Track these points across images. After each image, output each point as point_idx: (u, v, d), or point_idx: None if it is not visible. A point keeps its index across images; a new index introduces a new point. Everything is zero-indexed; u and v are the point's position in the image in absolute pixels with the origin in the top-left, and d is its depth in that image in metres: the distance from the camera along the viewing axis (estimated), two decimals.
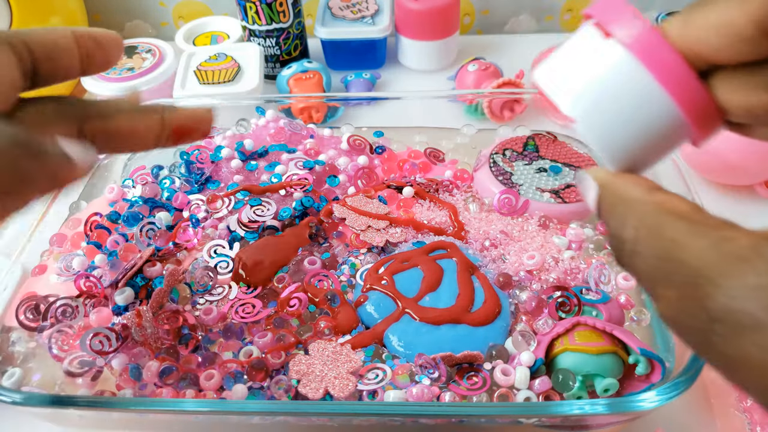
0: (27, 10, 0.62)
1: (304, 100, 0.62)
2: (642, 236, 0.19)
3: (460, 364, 0.37)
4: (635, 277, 0.21)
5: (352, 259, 0.44)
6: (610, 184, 0.22)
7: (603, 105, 0.21)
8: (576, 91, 0.22)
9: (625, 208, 0.20)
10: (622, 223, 0.20)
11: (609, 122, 0.21)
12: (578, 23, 0.64)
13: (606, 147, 0.22)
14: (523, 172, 0.49)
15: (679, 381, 0.32)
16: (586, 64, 0.21)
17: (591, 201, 0.23)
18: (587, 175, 0.23)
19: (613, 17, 0.21)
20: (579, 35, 0.22)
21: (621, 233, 0.20)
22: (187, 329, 0.39)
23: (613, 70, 0.20)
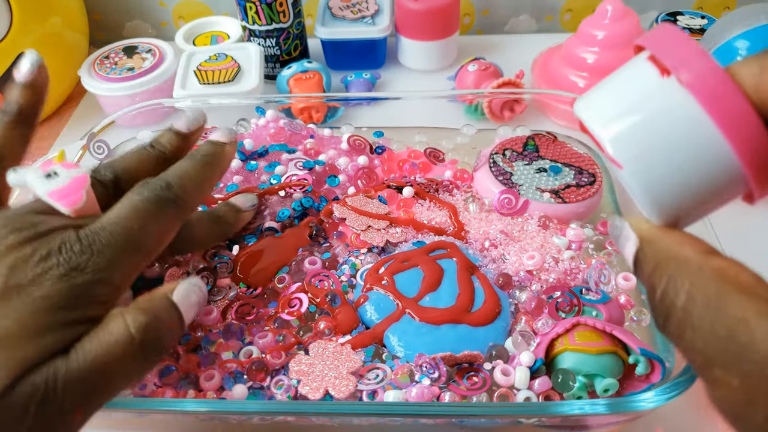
0: (27, 10, 0.62)
1: (304, 100, 0.62)
2: (698, 307, 0.17)
3: (460, 364, 0.37)
4: (683, 349, 0.18)
5: (353, 259, 0.44)
6: (657, 240, 0.20)
7: (655, 153, 0.18)
8: (624, 134, 0.19)
9: (677, 270, 0.18)
10: (672, 287, 0.18)
11: (660, 172, 0.19)
12: (578, 23, 0.64)
13: (653, 198, 0.19)
14: (523, 172, 0.49)
15: (679, 381, 0.32)
16: (637, 103, 0.19)
17: (628, 254, 0.20)
18: (625, 225, 0.21)
19: (673, 51, 0.18)
20: (630, 68, 0.20)
21: (670, 299, 0.18)
22: (186, 329, 0.39)
23: (671, 114, 0.18)
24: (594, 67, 0.62)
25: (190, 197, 0.32)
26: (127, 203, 0.29)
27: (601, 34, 0.61)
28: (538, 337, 0.38)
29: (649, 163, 0.18)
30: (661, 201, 0.19)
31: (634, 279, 0.41)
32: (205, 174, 0.33)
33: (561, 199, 0.46)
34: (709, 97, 0.17)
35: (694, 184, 0.18)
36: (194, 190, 0.32)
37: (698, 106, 0.17)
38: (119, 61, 0.68)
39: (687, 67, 0.17)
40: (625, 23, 0.60)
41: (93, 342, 0.26)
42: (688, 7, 0.80)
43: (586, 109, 0.20)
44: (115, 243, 0.28)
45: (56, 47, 0.67)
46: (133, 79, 0.65)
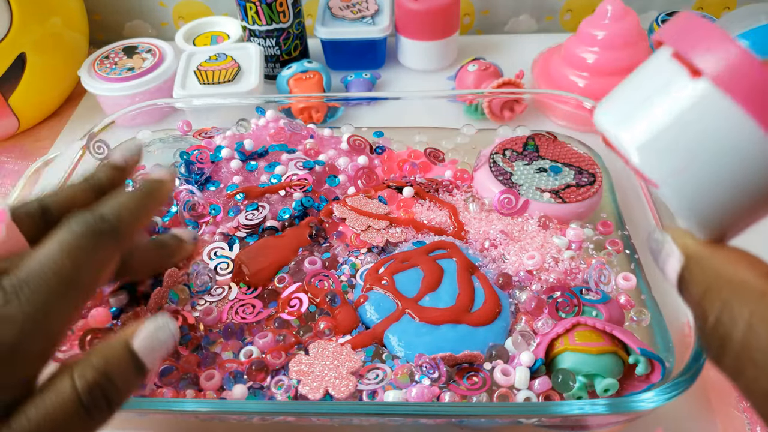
0: (27, 10, 0.62)
1: (304, 100, 0.62)
2: (762, 340, 0.15)
3: (460, 364, 0.37)
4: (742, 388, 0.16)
5: (353, 259, 0.44)
6: (705, 258, 0.18)
7: (696, 164, 0.16)
8: (659, 148, 0.17)
9: (733, 296, 0.16)
10: (729, 315, 0.16)
11: (704, 184, 0.16)
12: (578, 23, 0.64)
13: (697, 212, 0.17)
14: (523, 172, 0.49)
15: (679, 381, 0.32)
16: (668, 111, 0.16)
17: (671, 272, 0.18)
18: (667, 239, 0.18)
19: (700, 45, 0.16)
20: (652, 68, 0.17)
21: (726, 329, 0.16)
22: (187, 329, 0.39)
23: (709, 120, 0.16)
24: (594, 67, 0.62)
25: (127, 227, 0.30)
26: (57, 239, 0.27)
27: (601, 34, 0.61)
28: (538, 337, 0.38)
29: (691, 176, 0.16)
30: (706, 215, 0.17)
31: (634, 279, 0.41)
32: (141, 203, 0.32)
33: (561, 199, 0.46)
34: (752, 100, 0.15)
35: (741, 192, 0.16)
36: (130, 220, 0.30)
37: (740, 110, 0.15)
38: (119, 61, 0.68)
39: (721, 67, 0.15)
40: (625, 23, 0.60)
41: (38, 406, 0.24)
42: (688, 7, 0.80)
43: (607, 118, 0.18)
44: (47, 286, 0.25)
45: (56, 47, 0.67)
46: (133, 79, 0.65)
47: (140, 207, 0.32)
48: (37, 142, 0.69)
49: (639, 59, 0.61)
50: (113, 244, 0.29)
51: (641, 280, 0.43)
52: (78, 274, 0.26)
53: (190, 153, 0.51)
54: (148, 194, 0.33)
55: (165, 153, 0.55)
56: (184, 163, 0.51)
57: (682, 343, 0.36)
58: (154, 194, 0.34)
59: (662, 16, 0.71)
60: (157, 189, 0.34)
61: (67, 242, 0.27)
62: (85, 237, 0.27)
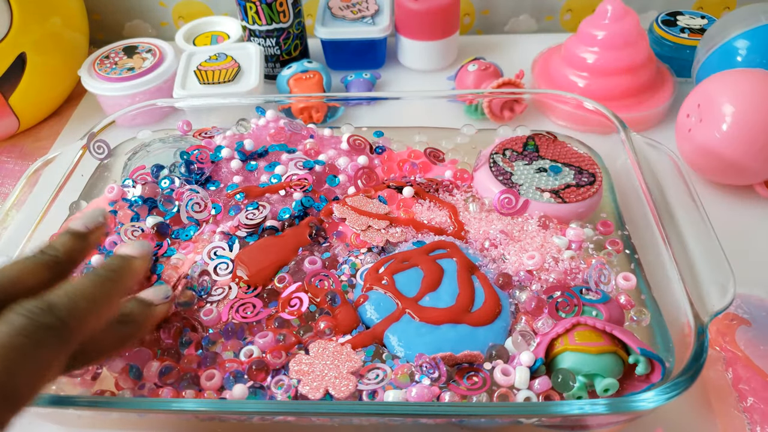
0: (27, 10, 0.62)
1: (304, 100, 0.62)
2: None
3: (460, 364, 0.37)
4: None
5: (353, 258, 0.44)
6: None
7: None
8: None
9: None
10: None
11: None
12: (578, 23, 0.64)
13: None
14: (523, 172, 0.49)
15: (679, 381, 0.32)
16: None
17: None
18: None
19: None
20: None
21: None
22: (187, 329, 0.39)
23: None
24: (594, 67, 0.62)
25: (80, 322, 0.25)
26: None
27: (601, 34, 0.61)
28: (538, 337, 0.38)
29: None
30: None
31: (634, 279, 0.41)
32: (102, 292, 0.27)
33: (561, 199, 0.46)
34: None
35: None
36: (86, 313, 0.26)
37: None
38: (119, 61, 0.68)
39: None
40: (625, 23, 0.60)
41: None
42: (688, 7, 0.80)
43: None
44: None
45: (56, 47, 0.67)
46: (133, 79, 0.65)
47: (100, 294, 0.27)
48: (37, 142, 0.69)
49: (639, 59, 0.61)
50: (59, 343, 0.24)
51: (641, 280, 0.43)
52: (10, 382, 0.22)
53: (190, 153, 0.51)
54: (111, 278, 0.28)
55: (165, 153, 0.55)
56: (184, 163, 0.51)
57: (682, 343, 0.36)
58: (118, 276, 0.29)
59: (662, 16, 0.71)
60: (123, 269, 0.30)
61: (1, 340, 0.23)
62: (24, 334, 0.23)
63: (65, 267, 0.30)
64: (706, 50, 0.60)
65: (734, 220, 0.53)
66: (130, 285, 0.31)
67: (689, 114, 0.54)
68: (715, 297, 0.36)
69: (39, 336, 0.24)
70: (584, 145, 0.54)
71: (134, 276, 0.31)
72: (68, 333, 0.25)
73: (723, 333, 0.43)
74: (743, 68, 0.55)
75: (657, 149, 0.48)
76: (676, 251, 0.40)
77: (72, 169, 0.52)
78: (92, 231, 0.31)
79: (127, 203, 0.50)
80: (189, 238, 0.47)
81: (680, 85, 0.65)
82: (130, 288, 0.31)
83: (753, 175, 0.52)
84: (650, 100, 0.62)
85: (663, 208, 0.43)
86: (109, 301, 0.28)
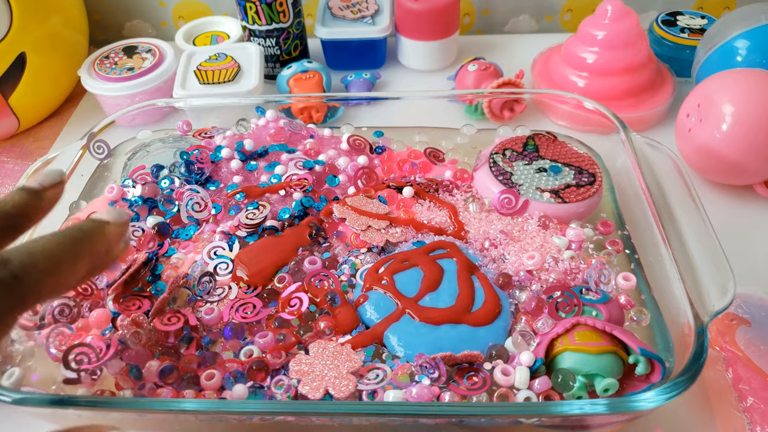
0: (27, 10, 0.62)
1: (304, 100, 0.62)
2: None
3: (460, 364, 0.37)
4: None
5: (353, 258, 0.44)
6: None
7: None
8: None
9: None
10: None
11: None
12: (578, 23, 0.64)
13: None
14: (523, 172, 0.49)
15: (679, 381, 0.32)
16: None
17: None
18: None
19: None
20: None
21: None
22: (187, 329, 0.39)
23: None
24: (594, 67, 0.62)
25: (36, 280, 0.24)
26: None
27: (601, 34, 0.61)
28: (538, 337, 0.38)
29: None
30: None
31: (634, 279, 0.41)
32: (66, 252, 0.26)
33: (561, 199, 0.46)
34: None
35: None
36: (44, 271, 0.24)
37: None
38: (119, 61, 0.68)
39: None
40: (625, 23, 0.60)
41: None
42: (688, 7, 0.80)
43: None
44: None
45: (56, 47, 0.67)
46: (133, 79, 0.65)
47: (64, 256, 0.26)
48: (37, 142, 0.69)
49: (639, 59, 0.61)
50: (11, 300, 0.23)
51: (641, 280, 0.43)
52: None
53: (190, 153, 0.51)
54: (77, 237, 0.27)
55: (165, 153, 0.55)
56: (184, 163, 0.51)
57: (682, 343, 0.36)
58: (86, 237, 0.27)
59: (662, 16, 0.71)
60: (93, 231, 0.28)
61: None
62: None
63: (16, 221, 0.28)
64: (706, 50, 0.60)
65: (734, 220, 0.53)
66: (100, 250, 0.28)
67: (689, 114, 0.54)
68: (715, 297, 0.36)
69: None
70: (584, 145, 0.54)
71: (105, 241, 0.29)
72: (21, 289, 0.24)
73: (723, 333, 0.43)
74: (743, 68, 0.55)
75: (657, 149, 0.48)
76: (676, 251, 0.40)
77: (72, 169, 0.52)
78: (47, 188, 0.30)
79: (127, 203, 0.50)
80: (189, 237, 0.47)
81: (680, 85, 0.65)
82: (99, 253, 0.29)
83: (753, 175, 0.52)
84: (650, 100, 0.62)
85: (663, 208, 0.43)
86: (72, 263, 0.26)
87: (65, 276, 0.26)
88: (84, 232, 0.27)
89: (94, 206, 0.50)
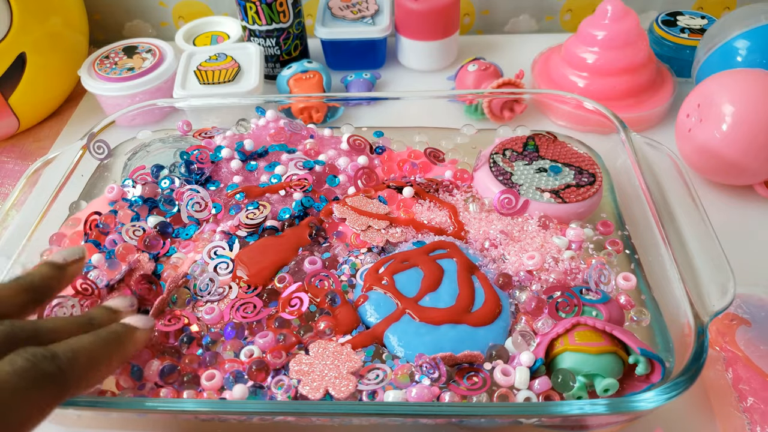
0: (27, 10, 0.62)
1: (304, 100, 0.62)
2: None
3: (460, 364, 0.37)
4: None
5: (353, 259, 0.44)
6: None
7: None
8: None
9: None
10: None
11: None
12: (578, 23, 0.64)
13: None
14: (523, 172, 0.49)
15: (679, 381, 0.32)
16: None
17: None
18: None
19: None
20: None
21: None
22: (188, 329, 0.39)
23: None
24: (594, 67, 0.62)
25: (78, 376, 0.26)
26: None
27: (601, 34, 0.61)
28: (538, 337, 0.38)
29: None
30: None
31: (634, 279, 0.41)
32: (103, 352, 0.29)
33: (561, 199, 0.46)
34: None
35: None
36: (86, 367, 0.27)
37: None
38: (119, 61, 0.68)
39: None
40: (625, 23, 0.60)
41: None
42: (688, 7, 0.80)
43: None
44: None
45: (56, 47, 0.67)
46: (133, 79, 0.65)
47: (101, 353, 0.29)
48: (37, 142, 0.69)
49: (639, 59, 0.61)
50: (56, 392, 0.25)
51: (641, 280, 0.43)
52: (3, 417, 0.23)
53: (190, 153, 0.51)
54: (113, 340, 0.30)
55: (165, 153, 0.55)
56: (184, 163, 0.51)
57: (682, 343, 0.36)
58: (121, 341, 0.31)
59: (662, 16, 0.71)
60: (125, 336, 0.31)
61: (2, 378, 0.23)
62: (25, 377, 0.24)
63: (41, 293, 0.31)
64: (706, 50, 0.60)
65: (734, 220, 0.53)
66: (131, 353, 0.32)
67: (689, 114, 0.54)
68: (715, 297, 0.36)
69: (38, 381, 0.25)
70: (584, 145, 0.54)
71: (136, 346, 0.33)
72: (66, 384, 0.26)
73: (723, 333, 0.43)
74: (743, 68, 0.55)
75: (657, 149, 0.48)
76: (676, 251, 0.40)
77: (72, 169, 0.52)
78: (69, 263, 0.34)
79: (127, 203, 0.50)
80: (189, 237, 0.47)
81: (680, 85, 0.65)
82: (130, 356, 0.33)
83: (753, 175, 0.52)
84: (650, 100, 0.62)
85: (663, 208, 0.43)
86: (108, 363, 0.30)
87: (101, 373, 0.29)
88: (118, 336, 0.31)
89: (94, 206, 0.50)
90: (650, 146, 0.48)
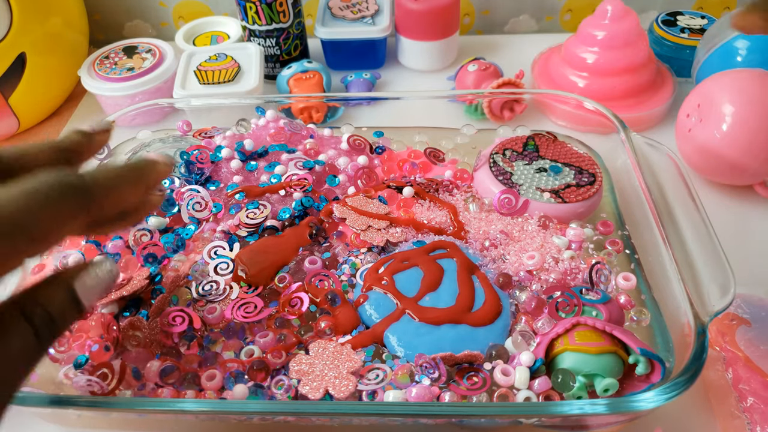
0: (27, 10, 0.62)
1: (304, 100, 0.62)
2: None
3: (460, 364, 0.37)
4: None
5: (353, 258, 0.44)
6: None
7: None
8: None
9: None
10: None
11: None
12: (578, 23, 0.64)
13: None
14: (523, 172, 0.49)
15: (679, 381, 0.32)
16: None
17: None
18: None
19: None
20: None
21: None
22: (189, 329, 0.39)
23: None
24: (594, 67, 0.62)
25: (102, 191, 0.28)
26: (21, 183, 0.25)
27: (601, 34, 0.61)
28: (538, 337, 0.38)
29: None
30: None
31: (634, 279, 0.41)
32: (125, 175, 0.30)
33: (561, 199, 0.46)
34: None
35: None
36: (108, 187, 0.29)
37: None
38: (119, 61, 0.68)
39: None
40: (625, 23, 0.60)
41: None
42: (688, 7, 0.80)
43: None
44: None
45: (56, 47, 0.67)
46: (133, 79, 0.65)
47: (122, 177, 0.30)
48: None
49: (639, 59, 0.61)
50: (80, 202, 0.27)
51: (641, 280, 0.43)
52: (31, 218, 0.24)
53: (190, 153, 0.51)
54: (135, 169, 0.31)
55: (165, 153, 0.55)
56: (184, 163, 0.51)
57: (682, 343, 0.36)
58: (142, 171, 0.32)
59: (662, 16, 0.71)
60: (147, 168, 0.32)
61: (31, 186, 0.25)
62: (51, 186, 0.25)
63: (69, 155, 0.32)
64: (706, 50, 0.60)
65: (734, 220, 0.53)
66: (153, 181, 0.33)
67: (689, 114, 0.54)
68: (715, 297, 0.36)
69: (64, 190, 0.26)
70: (584, 145, 0.54)
71: (157, 176, 0.33)
72: (90, 197, 0.27)
73: (723, 333, 0.43)
74: (743, 68, 0.55)
75: (657, 149, 0.48)
76: (676, 251, 0.40)
77: None
78: (97, 132, 0.34)
79: None
80: (189, 236, 0.47)
81: (680, 85, 0.65)
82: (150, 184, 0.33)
83: (753, 175, 0.52)
84: (650, 100, 0.62)
85: (663, 208, 0.43)
86: (131, 187, 0.31)
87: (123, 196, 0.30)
88: (140, 163, 0.32)
89: None
90: (650, 146, 0.48)
